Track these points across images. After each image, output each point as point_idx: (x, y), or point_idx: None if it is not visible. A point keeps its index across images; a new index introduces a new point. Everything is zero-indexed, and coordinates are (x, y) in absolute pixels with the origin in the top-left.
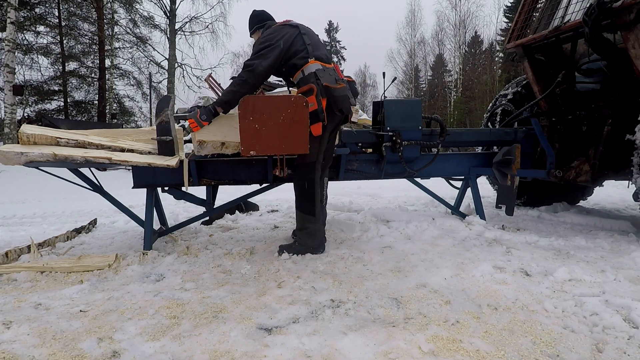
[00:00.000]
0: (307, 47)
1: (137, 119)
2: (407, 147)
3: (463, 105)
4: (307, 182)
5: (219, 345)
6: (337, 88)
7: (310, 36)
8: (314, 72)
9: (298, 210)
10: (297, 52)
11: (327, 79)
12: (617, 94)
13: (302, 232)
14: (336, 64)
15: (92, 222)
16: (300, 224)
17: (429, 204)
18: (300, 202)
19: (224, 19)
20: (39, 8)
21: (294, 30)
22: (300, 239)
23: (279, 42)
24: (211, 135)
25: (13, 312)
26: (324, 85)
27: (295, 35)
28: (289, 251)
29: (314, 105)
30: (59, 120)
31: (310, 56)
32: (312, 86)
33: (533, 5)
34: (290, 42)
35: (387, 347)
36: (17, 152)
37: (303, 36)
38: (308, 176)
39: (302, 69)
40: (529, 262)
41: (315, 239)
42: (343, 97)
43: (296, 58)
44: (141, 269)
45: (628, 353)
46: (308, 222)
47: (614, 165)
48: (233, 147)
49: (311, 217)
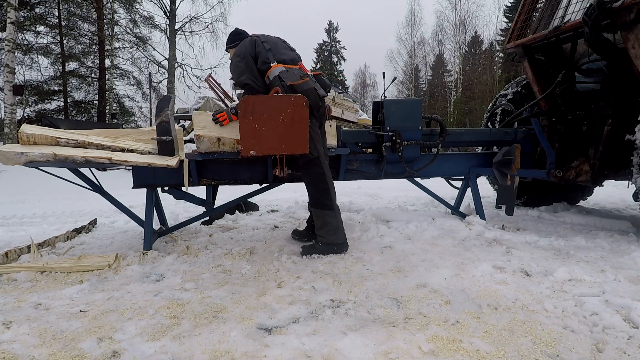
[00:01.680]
0: (267, 53)
1: (137, 119)
2: (407, 147)
3: (463, 105)
4: (317, 176)
5: (219, 345)
6: (299, 83)
7: (271, 42)
8: (277, 75)
9: (314, 207)
10: (259, 58)
11: (291, 79)
12: (617, 94)
13: (323, 229)
14: (301, 64)
15: (92, 222)
16: (321, 222)
17: (429, 204)
18: (315, 198)
19: (224, 19)
20: (39, 8)
21: (253, 41)
22: (323, 238)
23: (245, 54)
24: (207, 130)
25: (13, 312)
26: (288, 84)
27: (255, 45)
28: (311, 252)
29: None
30: (59, 120)
31: (272, 61)
32: (277, 89)
33: (533, 5)
34: (253, 51)
35: (387, 347)
36: (17, 152)
37: (263, 44)
38: (316, 171)
39: (267, 74)
40: (529, 262)
41: (339, 234)
42: (307, 91)
43: (260, 64)
44: (141, 269)
45: (628, 353)
46: (327, 217)
47: (614, 165)
48: (229, 144)
49: (329, 212)
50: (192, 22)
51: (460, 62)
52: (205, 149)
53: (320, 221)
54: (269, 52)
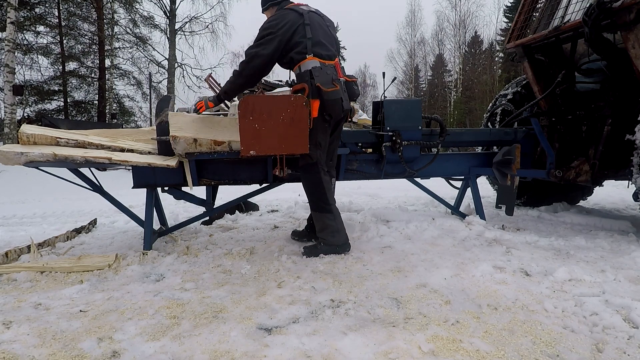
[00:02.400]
0: (307, 42)
1: (137, 119)
2: (407, 147)
3: (463, 105)
4: (314, 181)
5: (219, 345)
6: (328, 92)
7: (314, 28)
8: (309, 70)
9: (313, 210)
10: (295, 45)
11: (321, 79)
12: (617, 94)
13: (324, 232)
14: (337, 61)
15: (92, 222)
16: (321, 224)
17: (429, 204)
18: (313, 202)
19: (224, 19)
20: (39, 8)
21: (297, 18)
22: (325, 239)
23: (279, 32)
24: (183, 131)
25: (13, 312)
26: (316, 85)
27: (297, 26)
28: (312, 253)
29: None
30: (59, 120)
31: (309, 52)
32: (304, 85)
33: (533, 5)
34: (290, 33)
35: (387, 347)
36: (17, 152)
37: (305, 27)
38: (314, 176)
39: (299, 64)
40: (529, 262)
41: (340, 236)
42: (333, 102)
43: (294, 52)
44: (141, 269)
45: (628, 353)
46: (327, 220)
47: (614, 165)
48: (206, 145)
49: (328, 215)
50: (192, 22)
51: (460, 62)
52: (182, 149)
53: (320, 224)
54: (308, 42)
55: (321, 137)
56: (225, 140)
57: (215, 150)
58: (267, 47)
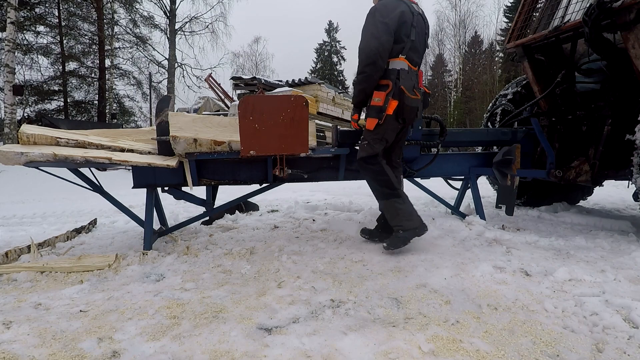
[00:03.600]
0: (408, 43)
1: (137, 119)
2: (407, 147)
3: (463, 105)
4: (376, 170)
5: (219, 345)
6: (411, 98)
7: (417, 34)
8: (397, 70)
9: (382, 199)
10: (397, 41)
11: (406, 83)
12: (617, 94)
13: (397, 218)
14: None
15: (92, 222)
16: (392, 212)
17: (429, 204)
18: (379, 191)
19: (224, 19)
20: (39, 8)
21: (408, 16)
22: (401, 226)
23: (389, 21)
24: (183, 131)
25: (13, 312)
26: (400, 87)
27: (402, 21)
28: (394, 245)
29: (380, 102)
30: (59, 120)
31: (404, 53)
32: (389, 83)
33: (533, 5)
34: (397, 27)
35: (387, 347)
36: (17, 152)
37: (411, 29)
38: (376, 166)
39: (389, 60)
40: (529, 262)
41: (414, 218)
42: (411, 109)
43: (393, 47)
44: (141, 269)
45: (628, 353)
46: (397, 204)
47: (614, 165)
48: (206, 145)
49: (397, 199)
50: (192, 22)
51: (460, 62)
52: (182, 149)
53: (391, 211)
54: (408, 43)
55: (389, 135)
56: (225, 140)
57: (216, 150)
58: (383, 42)
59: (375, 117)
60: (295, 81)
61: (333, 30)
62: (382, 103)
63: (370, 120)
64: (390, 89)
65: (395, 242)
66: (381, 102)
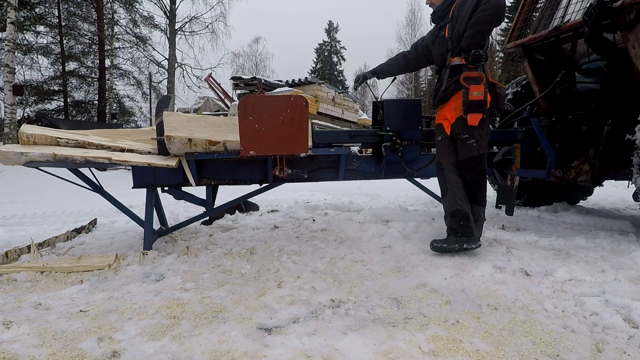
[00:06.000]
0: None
1: (137, 119)
2: (407, 147)
3: None
4: (482, 173)
5: (219, 345)
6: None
7: None
8: (483, 63)
9: (476, 204)
10: None
11: None
12: (617, 94)
13: (478, 226)
14: None
15: (92, 222)
16: (476, 217)
17: (429, 204)
18: (477, 195)
19: (224, 19)
20: (39, 8)
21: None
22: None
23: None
24: (177, 131)
25: (13, 312)
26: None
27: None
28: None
29: (480, 96)
30: (59, 120)
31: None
32: (481, 75)
33: (533, 5)
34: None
35: (387, 347)
36: (17, 152)
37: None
38: (483, 167)
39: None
40: (529, 262)
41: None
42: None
43: None
44: (141, 269)
45: (628, 353)
46: (482, 213)
47: (614, 165)
48: (201, 144)
49: (484, 208)
50: (192, 22)
51: None
52: (177, 149)
53: (476, 216)
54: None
55: (483, 130)
56: (220, 140)
57: (210, 150)
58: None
59: (480, 112)
60: (295, 81)
61: (333, 30)
62: (482, 97)
63: (473, 115)
64: (484, 80)
65: (451, 246)
66: (481, 95)
